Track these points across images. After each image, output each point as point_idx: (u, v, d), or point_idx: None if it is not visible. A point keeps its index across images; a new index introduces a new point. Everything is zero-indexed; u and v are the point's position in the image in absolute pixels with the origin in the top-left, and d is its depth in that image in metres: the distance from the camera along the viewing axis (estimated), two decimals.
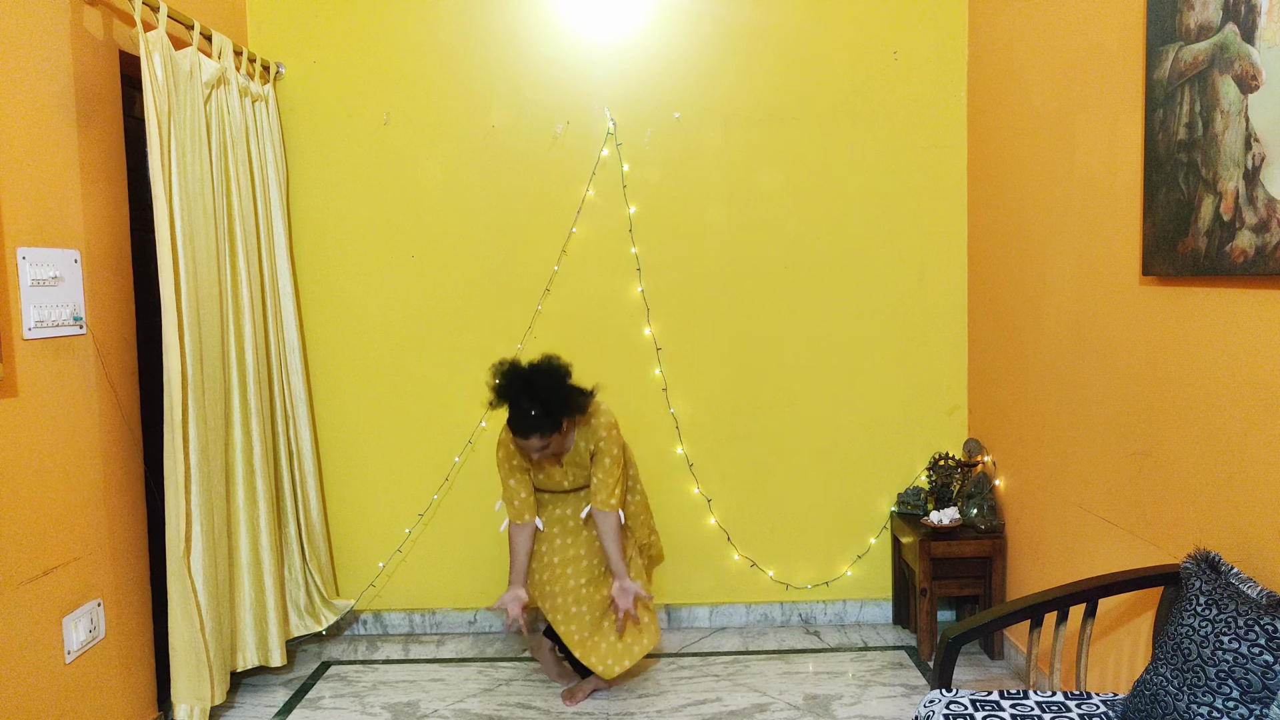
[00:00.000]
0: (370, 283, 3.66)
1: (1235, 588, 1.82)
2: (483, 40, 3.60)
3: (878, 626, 3.73)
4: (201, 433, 2.83)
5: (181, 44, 2.93)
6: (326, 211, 3.64)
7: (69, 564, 2.49)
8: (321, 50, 3.60)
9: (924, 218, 3.65)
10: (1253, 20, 1.90)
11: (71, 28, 2.56)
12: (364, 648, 3.65)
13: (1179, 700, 1.75)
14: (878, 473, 3.72)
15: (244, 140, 3.22)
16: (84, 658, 2.55)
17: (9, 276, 2.30)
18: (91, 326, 2.61)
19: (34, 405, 2.37)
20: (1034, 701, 2.02)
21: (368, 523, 3.72)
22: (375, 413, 3.69)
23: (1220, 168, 2.01)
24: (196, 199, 2.87)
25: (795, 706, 3.03)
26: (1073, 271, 2.77)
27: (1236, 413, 2.02)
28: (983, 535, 3.35)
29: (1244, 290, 1.99)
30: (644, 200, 3.64)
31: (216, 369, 2.95)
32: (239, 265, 3.14)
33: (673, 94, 3.62)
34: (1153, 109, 2.26)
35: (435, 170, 3.64)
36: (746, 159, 3.64)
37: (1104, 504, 2.61)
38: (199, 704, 2.80)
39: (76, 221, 2.57)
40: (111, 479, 2.70)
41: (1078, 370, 2.75)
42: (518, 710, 3.07)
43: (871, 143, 3.63)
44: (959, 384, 3.71)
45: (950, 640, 2.09)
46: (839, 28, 3.60)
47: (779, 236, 3.65)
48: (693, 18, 3.60)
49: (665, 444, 3.70)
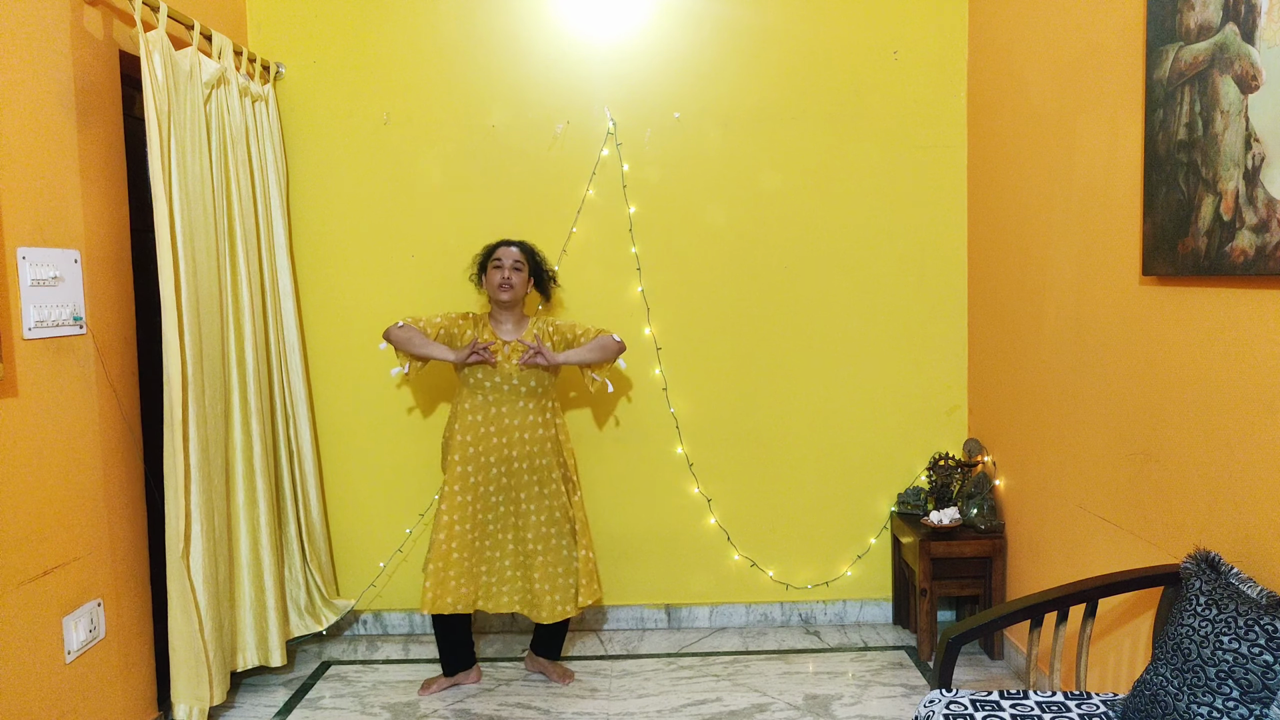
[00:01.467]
0: (370, 283, 3.66)
1: (1235, 588, 1.82)
2: (483, 40, 3.60)
3: (878, 626, 3.73)
4: (201, 433, 2.83)
5: (181, 44, 2.93)
6: (326, 211, 3.64)
7: (69, 564, 2.49)
8: (321, 50, 3.60)
9: (924, 218, 3.65)
10: (1253, 20, 1.90)
11: (71, 28, 2.56)
12: (364, 648, 3.65)
13: (1179, 700, 1.75)
14: (878, 473, 3.73)
15: (244, 140, 3.22)
16: (84, 658, 2.55)
17: (9, 276, 2.30)
18: (91, 326, 2.61)
19: (34, 405, 2.37)
20: (1034, 701, 2.02)
21: (368, 523, 3.72)
22: (375, 413, 3.69)
23: (1220, 168, 2.01)
24: (196, 199, 2.87)
25: (795, 706, 3.03)
26: (1073, 271, 2.77)
27: (1236, 413, 2.02)
28: (983, 535, 3.35)
29: (1244, 290, 1.99)
30: (644, 200, 3.64)
31: (216, 369, 2.95)
32: (239, 265, 3.14)
33: (673, 94, 3.62)
34: (1153, 109, 2.26)
35: (435, 170, 3.64)
36: (746, 159, 3.64)
37: (1104, 504, 2.61)
38: (199, 704, 2.80)
39: (76, 221, 2.57)
40: (111, 479, 2.70)
41: (1078, 370, 2.75)
42: (518, 710, 3.07)
43: (871, 143, 3.63)
44: (959, 384, 3.71)
45: (950, 640, 2.09)
46: (839, 28, 3.60)
47: (779, 236, 3.65)
48: (693, 18, 3.60)
49: (665, 444, 3.70)
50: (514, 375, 3.04)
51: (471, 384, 3.07)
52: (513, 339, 3.11)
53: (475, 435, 3.06)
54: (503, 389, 3.05)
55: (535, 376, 3.07)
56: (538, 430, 3.09)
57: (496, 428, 3.06)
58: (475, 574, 3.10)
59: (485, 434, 3.06)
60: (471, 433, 3.06)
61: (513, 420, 3.06)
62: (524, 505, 3.09)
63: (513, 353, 3.06)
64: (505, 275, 3.08)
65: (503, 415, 3.06)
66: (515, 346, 3.08)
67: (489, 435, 3.06)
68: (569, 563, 3.13)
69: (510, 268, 3.08)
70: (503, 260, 3.09)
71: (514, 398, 3.06)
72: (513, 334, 3.13)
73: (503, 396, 3.06)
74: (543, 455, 3.09)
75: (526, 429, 3.07)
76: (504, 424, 3.06)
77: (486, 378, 3.04)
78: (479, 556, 3.11)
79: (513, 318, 3.15)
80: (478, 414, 3.06)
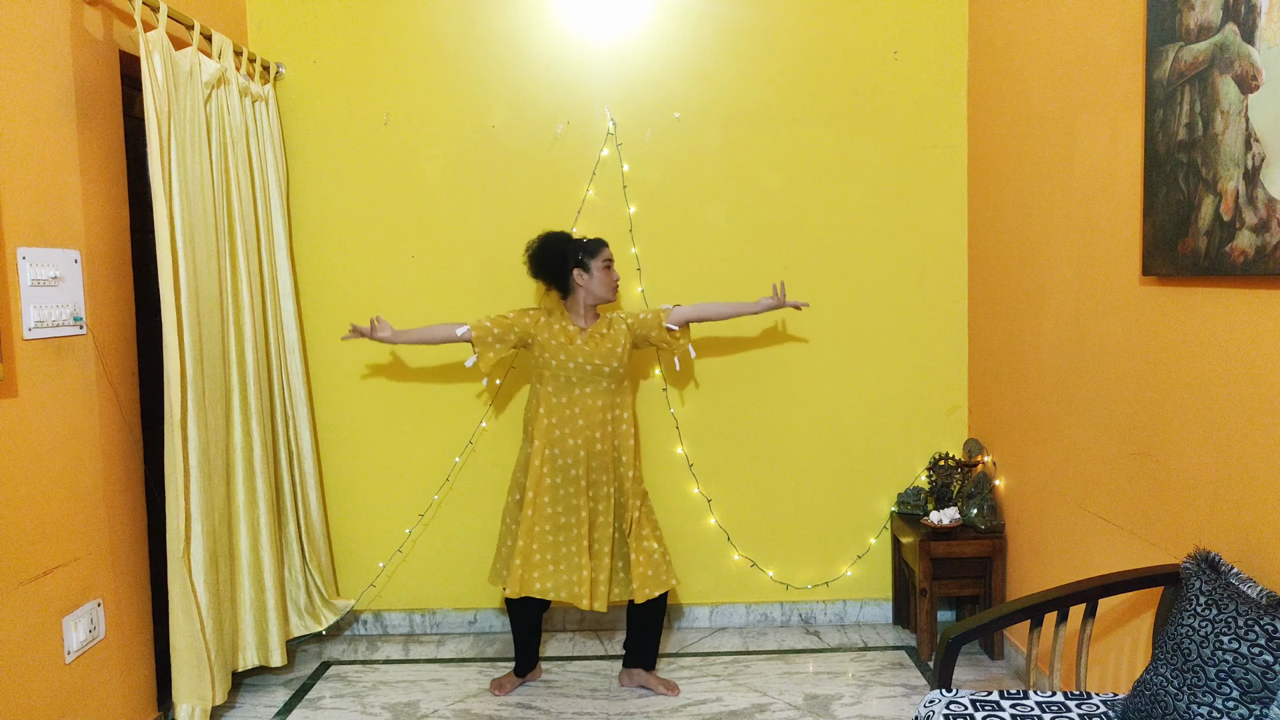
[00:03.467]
0: (370, 283, 3.66)
1: (1235, 588, 1.82)
2: (483, 40, 3.60)
3: (878, 626, 3.73)
4: (201, 433, 2.83)
5: (181, 44, 2.93)
6: (326, 211, 3.64)
7: (69, 564, 2.49)
8: (321, 50, 3.60)
9: (924, 218, 3.65)
10: (1253, 20, 1.90)
11: (71, 28, 2.56)
12: (364, 648, 3.65)
13: (1179, 700, 1.75)
14: (878, 473, 3.73)
15: (244, 140, 3.22)
16: (84, 658, 2.55)
17: (9, 276, 2.30)
18: (91, 326, 2.61)
19: (34, 405, 2.37)
20: (1034, 702, 2.02)
21: (368, 523, 3.72)
22: (375, 413, 3.69)
23: (1220, 168, 2.01)
24: (196, 199, 2.87)
25: (795, 706, 3.03)
26: (1073, 271, 2.77)
27: (1236, 413, 2.02)
28: (983, 535, 3.35)
29: (1244, 290, 1.99)
30: (644, 200, 3.64)
31: (216, 369, 2.95)
32: (239, 265, 3.14)
33: (673, 94, 3.62)
34: (1153, 109, 2.26)
35: (435, 170, 3.64)
36: (747, 159, 3.64)
37: (1104, 504, 2.61)
38: (200, 704, 2.80)
39: (76, 221, 2.57)
40: (111, 479, 2.70)
41: (1078, 370, 2.75)
42: (518, 710, 3.07)
43: (872, 143, 3.63)
44: (959, 384, 3.71)
45: (950, 640, 2.09)
46: (839, 28, 3.60)
47: (779, 236, 3.65)
48: (693, 18, 3.60)
49: (665, 444, 3.70)
50: (592, 359, 3.09)
51: (553, 367, 3.10)
52: (588, 327, 3.16)
53: (560, 418, 3.10)
54: (585, 369, 3.10)
55: (613, 361, 3.11)
56: (616, 412, 3.14)
57: (580, 409, 3.10)
58: (559, 558, 3.10)
59: (568, 416, 3.10)
60: (556, 415, 3.10)
61: (594, 403, 3.10)
62: (605, 489, 3.10)
63: (586, 341, 3.12)
64: (615, 275, 3.18)
65: (584, 398, 3.10)
66: (590, 334, 3.13)
67: (572, 418, 3.09)
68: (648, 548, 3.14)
69: (610, 262, 3.17)
70: (612, 261, 3.17)
71: (593, 380, 3.10)
72: (586, 323, 3.19)
73: (584, 378, 3.10)
74: (623, 439, 3.13)
75: (607, 410, 3.11)
76: (585, 405, 3.10)
77: (564, 364, 3.09)
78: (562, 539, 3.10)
79: (589, 309, 3.21)
80: (559, 397, 3.11)
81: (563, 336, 3.10)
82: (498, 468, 3.67)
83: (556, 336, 3.10)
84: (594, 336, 3.13)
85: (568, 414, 3.08)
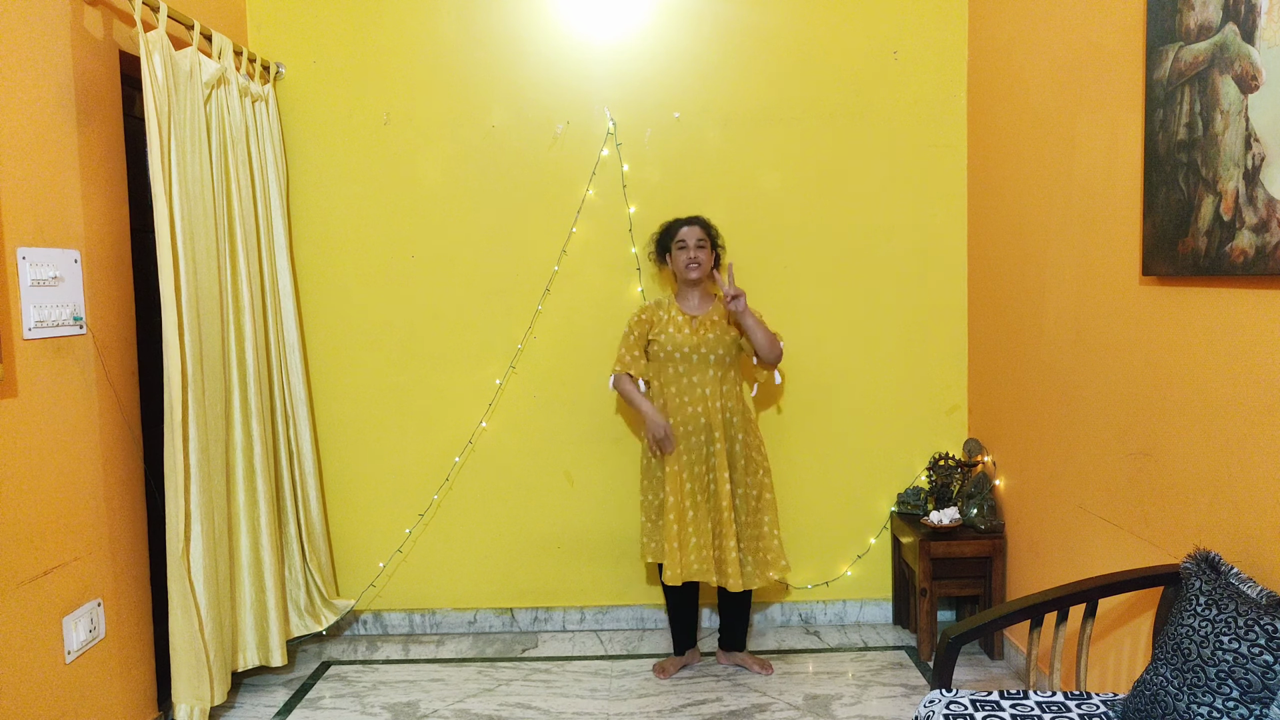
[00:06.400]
0: (370, 283, 3.66)
1: (1235, 588, 1.82)
2: (483, 40, 3.60)
3: (878, 626, 3.73)
4: (201, 433, 2.83)
5: (181, 44, 2.93)
6: (326, 211, 3.64)
7: (69, 564, 2.49)
8: (321, 50, 3.60)
9: (924, 217, 3.65)
10: (1253, 20, 1.90)
11: (71, 28, 2.56)
12: (364, 648, 3.65)
13: (1179, 700, 1.75)
14: (878, 473, 3.72)
15: (244, 140, 3.22)
16: (84, 658, 2.55)
17: (9, 276, 2.30)
18: (91, 326, 2.61)
19: (34, 405, 2.37)
20: (1034, 702, 2.02)
21: (368, 523, 3.72)
22: (375, 413, 3.69)
23: (1220, 168, 2.01)
24: (196, 199, 2.87)
25: (795, 706, 3.03)
26: (1073, 271, 2.77)
27: (1236, 413, 2.02)
28: (983, 535, 3.35)
29: (1244, 290, 1.99)
30: (644, 200, 3.64)
31: (216, 369, 2.95)
32: (239, 265, 3.14)
33: (673, 94, 3.62)
34: (1153, 109, 2.26)
35: (435, 170, 3.64)
36: (746, 159, 3.64)
37: (1104, 504, 2.61)
38: (199, 704, 2.80)
39: (76, 221, 2.57)
40: (111, 479, 2.70)
41: (1078, 370, 2.75)
42: (518, 710, 3.07)
43: (872, 142, 3.63)
44: (959, 384, 3.71)
45: (950, 640, 2.09)
46: (839, 28, 3.60)
47: (779, 236, 3.65)
48: (693, 18, 3.60)
49: None
50: (702, 345, 3.15)
51: (662, 357, 3.18)
52: (700, 314, 3.21)
53: (675, 405, 3.17)
54: (692, 359, 3.15)
55: (722, 346, 3.16)
56: (730, 400, 3.18)
57: (691, 397, 3.15)
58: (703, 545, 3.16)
59: (682, 403, 3.16)
60: (672, 402, 3.17)
61: (705, 389, 3.15)
62: (721, 474, 3.14)
63: (699, 326, 3.17)
64: (692, 255, 3.18)
65: (696, 385, 3.16)
66: (702, 320, 3.18)
67: (687, 404, 3.15)
68: (762, 535, 3.21)
69: (695, 246, 3.19)
70: (687, 241, 3.19)
71: (704, 367, 3.16)
72: (699, 309, 3.23)
73: (693, 367, 3.16)
74: (740, 424, 3.17)
75: (721, 397, 3.16)
76: (699, 393, 3.15)
77: (674, 351, 3.15)
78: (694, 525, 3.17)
79: (699, 293, 3.25)
80: (674, 384, 3.17)
81: (671, 327, 3.19)
82: (498, 468, 3.67)
83: (665, 328, 3.19)
84: (704, 323, 3.19)
85: (684, 399, 3.16)
